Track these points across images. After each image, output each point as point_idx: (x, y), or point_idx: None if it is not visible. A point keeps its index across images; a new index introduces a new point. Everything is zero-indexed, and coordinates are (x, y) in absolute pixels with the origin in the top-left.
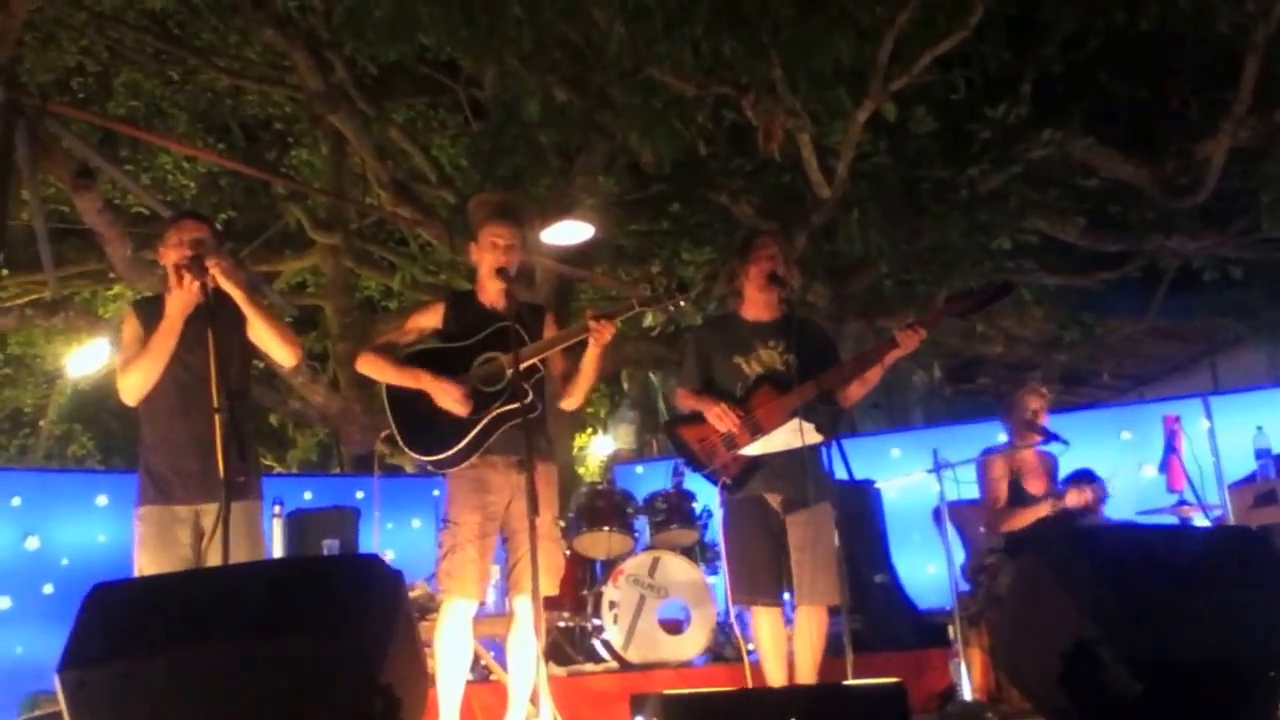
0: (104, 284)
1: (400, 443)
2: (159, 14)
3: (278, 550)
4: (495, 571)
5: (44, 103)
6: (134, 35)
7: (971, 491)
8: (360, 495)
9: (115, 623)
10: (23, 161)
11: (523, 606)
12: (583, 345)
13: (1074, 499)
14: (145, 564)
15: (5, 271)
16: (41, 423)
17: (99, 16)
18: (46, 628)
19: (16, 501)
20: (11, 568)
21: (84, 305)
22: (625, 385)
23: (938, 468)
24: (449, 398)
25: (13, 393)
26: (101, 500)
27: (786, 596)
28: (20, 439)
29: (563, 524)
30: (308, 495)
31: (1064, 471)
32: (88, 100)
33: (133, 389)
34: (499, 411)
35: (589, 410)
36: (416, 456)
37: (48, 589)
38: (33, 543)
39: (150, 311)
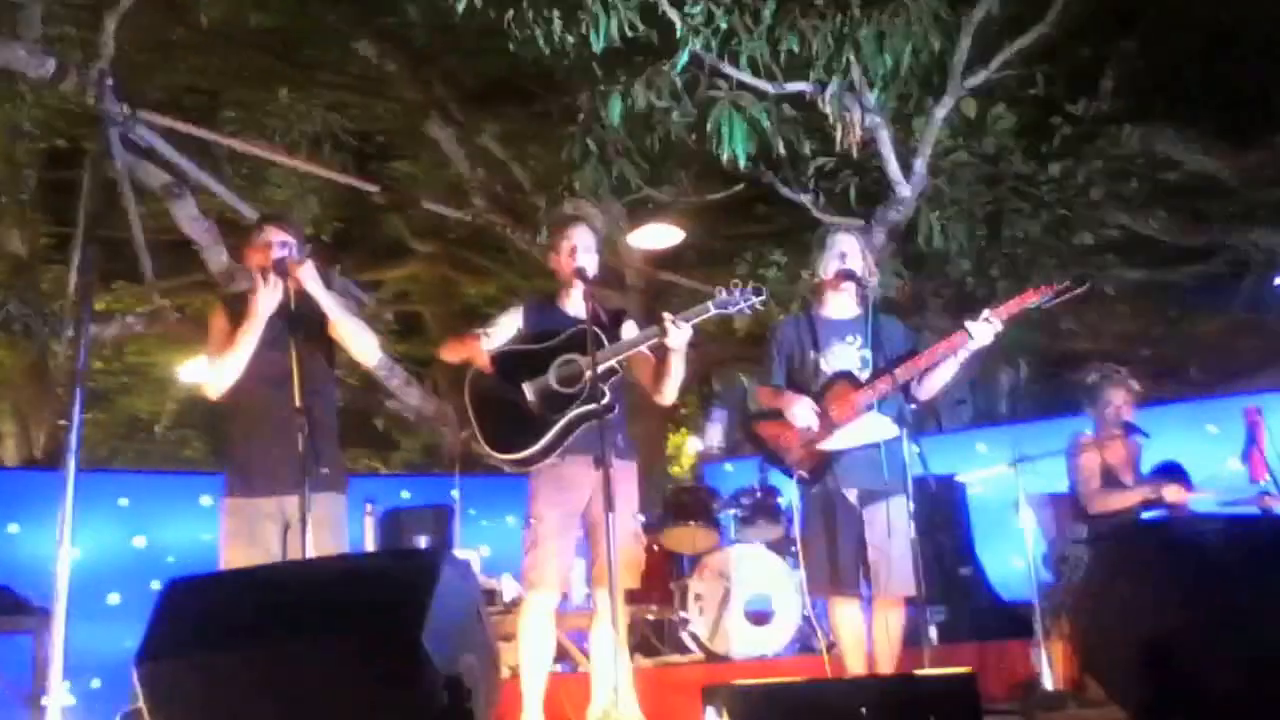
0: (213, 293)
1: (482, 443)
2: (268, 30)
3: (370, 547)
4: (580, 565)
5: (134, 111)
6: (243, 52)
7: (1055, 485)
8: (456, 494)
9: (188, 617)
10: (119, 173)
11: (605, 600)
12: (665, 347)
13: (1172, 495)
14: (232, 556)
15: (120, 283)
16: (156, 428)
17: (210, 34)
18: None
19: (124, 502)
20: (121, 565)
21: (195, 314)
22: (715, 385)
23: (1019, 460)
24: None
25: (129, 400)
26: (205, 500)
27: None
28: (138, 444)
29: (642, 519)
30: (405, 494)
31: (1146, 463)
32: (199, 117)
33: (215, 383)
34: (577, 412)
35: (681, 410)
36: (497, 456)
37: (155, 585)
38: (140, 541)
39: (238, 308)
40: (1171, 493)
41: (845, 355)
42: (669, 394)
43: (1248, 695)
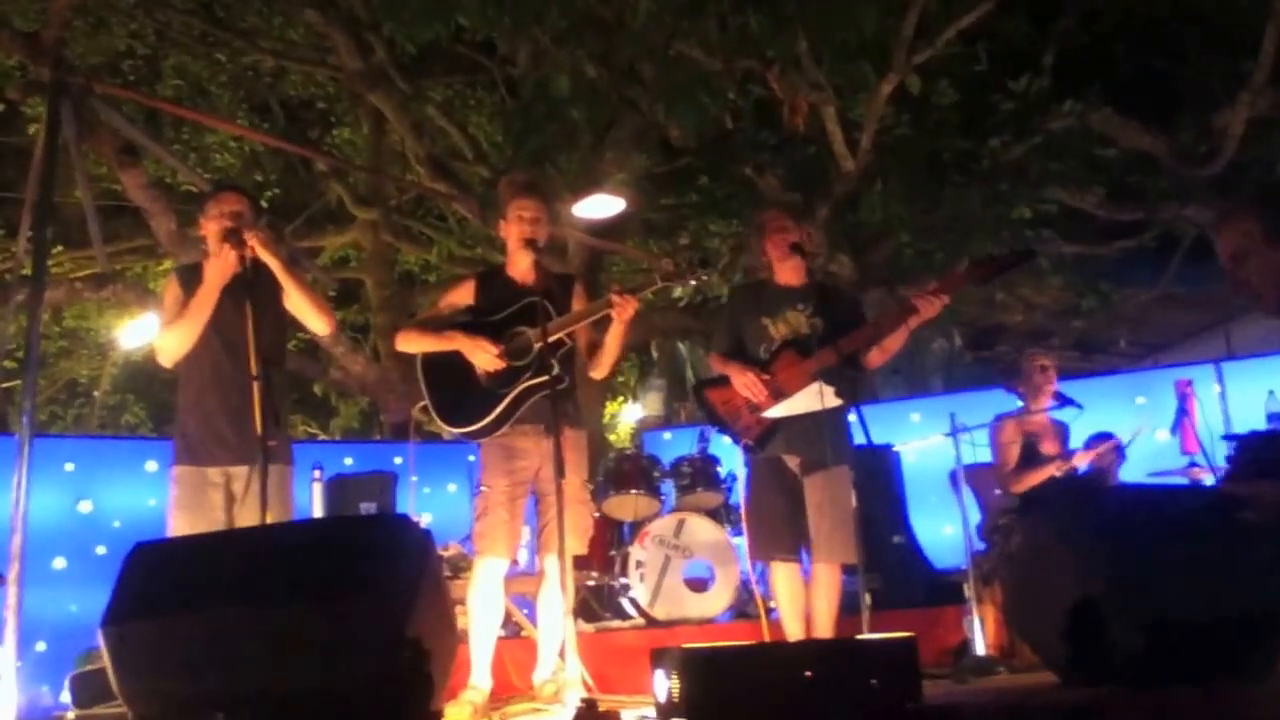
0: (154, 259)
1: (434, 415)
2: None
3: (317, 512)
4: (526, 532)
5: (89, 83)
6: (181, 19)
7: (987, 455)
8: (398, 461)
9: (155, 581)
10: (69, 140)
11: (552, 565)
12: (608, 318)
13: (1081, 459)
14: (179, 523)
15: (60, 247)
16: (95, 393)
17: (147, 0)
18: (99, 587)
19: (70, 467)
20: (66, 530)
21: (135, 280)
22: (654, 355)
23: (954, 431)
24: (482, 353)
25: (68, 364)
26: (151, 465)
27: (804, 555)
28: (76, 408)
29: (591, 487)
30: (348, 461)
31: (1075, 436)
32: (137, 82)
33: (169, 351)
34: (527, 384)
35: (619, 379)
36: (450, 429)
37: (100, 550)
38: (85, 506)
39: (192, 278)
40: (1081, 457)
41: (795, 321)
42: (602, 368)
43: (1148, 656)
